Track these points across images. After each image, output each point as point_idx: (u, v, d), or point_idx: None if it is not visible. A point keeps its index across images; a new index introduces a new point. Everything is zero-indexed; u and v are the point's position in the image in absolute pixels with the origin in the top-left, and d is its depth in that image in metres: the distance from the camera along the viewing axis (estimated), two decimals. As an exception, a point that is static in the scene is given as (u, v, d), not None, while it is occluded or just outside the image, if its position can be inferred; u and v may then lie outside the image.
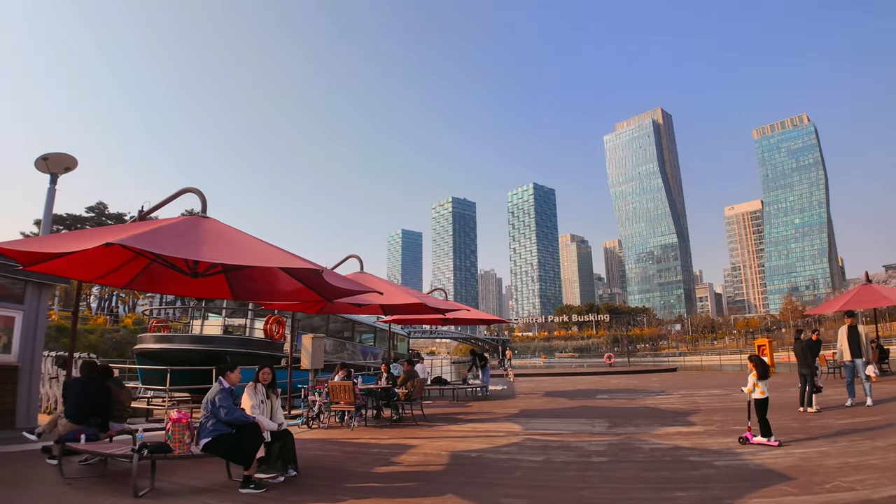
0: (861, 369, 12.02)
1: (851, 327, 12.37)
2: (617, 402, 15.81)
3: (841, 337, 12.47)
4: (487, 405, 16.19)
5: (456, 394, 19.47)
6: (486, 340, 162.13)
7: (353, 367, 23.06)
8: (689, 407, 13.45)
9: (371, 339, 28.87)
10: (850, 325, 12.39)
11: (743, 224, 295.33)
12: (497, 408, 15.32)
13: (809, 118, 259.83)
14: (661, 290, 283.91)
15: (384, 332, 30.14)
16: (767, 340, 27.08)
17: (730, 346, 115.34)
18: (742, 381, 24.52)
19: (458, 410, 15.12)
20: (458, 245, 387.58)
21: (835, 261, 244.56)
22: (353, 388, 11.96)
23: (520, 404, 16.13)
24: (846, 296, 18.77)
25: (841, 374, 15.71)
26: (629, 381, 25.57)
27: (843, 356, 12.31)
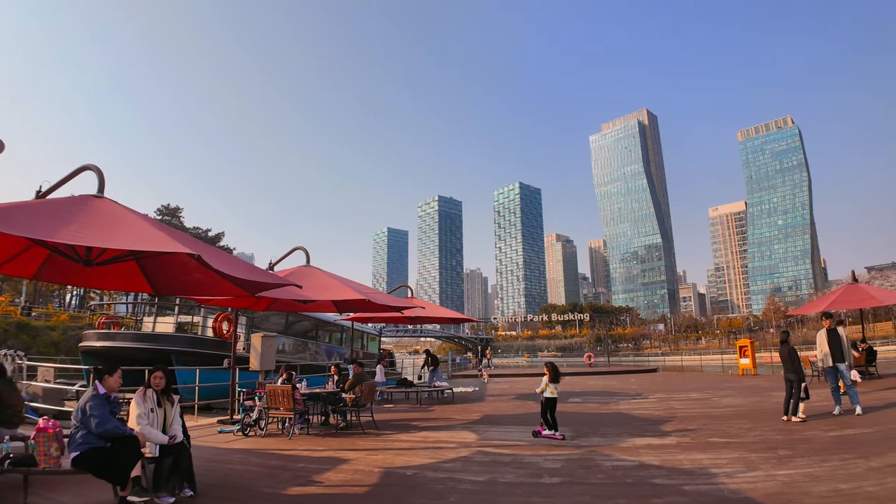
0: (846, 374, 11.04)
1: (831, 330, 11.37)
2: (588, 406, 14.75)
3: (820, 340, 11.48)
4: (450, 410, 15.05)
5: (420, 397, 18.29)
6: (469, 339, 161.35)
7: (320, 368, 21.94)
8: (665, 413, 12.40)
9: (339, 339, 27.64)
10: (829, 328, 11.40)
11: (727, 225, 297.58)
12: (459, 413, 14.18)
13: (794, 120, 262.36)
14: (644, 290, 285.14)
15: (357, 331, 28.94)
16: (749, 341, 26.20)
17: (712, 346, 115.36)
18: (725, 381, 23.73)
19: (416, 416, 13.95)
20: (444, 244, 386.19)
21: (817, 262, 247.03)
22: (294, 393, 10.78)
23: (485, 409, 15.00)
24: (832, 295, 17.88)
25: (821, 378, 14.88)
26: (606, 382, 24.58)
27: (825, 361, 11.30)
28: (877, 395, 13.57)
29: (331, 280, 11.18)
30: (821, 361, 11.45)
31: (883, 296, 17.58)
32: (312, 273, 11.23)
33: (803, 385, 10.40)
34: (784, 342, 10.99)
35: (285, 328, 23.01)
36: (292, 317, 22.64)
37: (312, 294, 10.11)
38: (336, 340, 27.36)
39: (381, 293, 13.79)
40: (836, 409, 10.84)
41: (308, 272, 11.23)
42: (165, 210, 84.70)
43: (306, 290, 9.61)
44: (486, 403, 16.49)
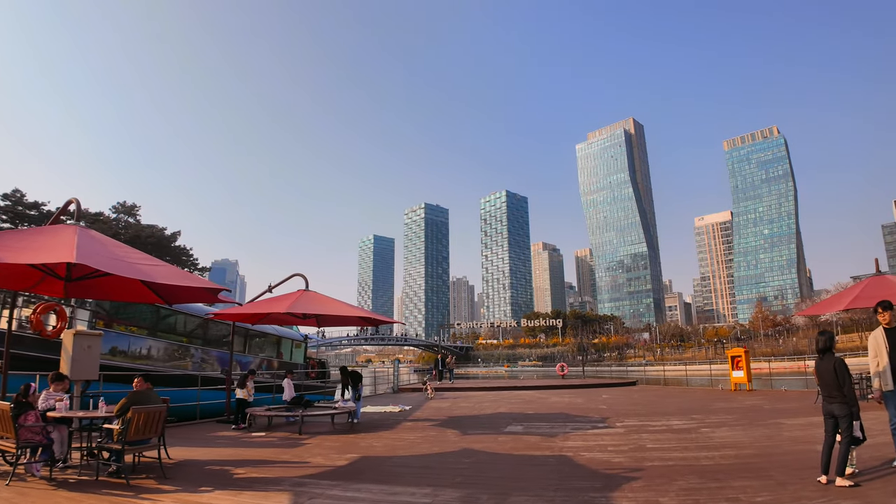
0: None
1: (892, 330, 6.70)
2: (524, 441, 10.29)
3: (877, 345, 6.76)
4: (329, 444, 10.60)
5: (311, 420, 13.81)
6: (448, 348, 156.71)
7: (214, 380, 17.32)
8: (628, 461, 7.96)
9: (258, 346, 23.02)
10: (889, 326, 6.75)
11: (712, 234, 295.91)
12: (334, 451, 9.71)
13: (780, 130, 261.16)
14: (630, 299, 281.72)
15: (283, 338, 24.37)
16: (743, 350, 21.94)
17: (698, 356, 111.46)
18: (716, 399, 19.42)
19: (265, 456, 9.45)
20: (430, 251, 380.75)
21: (803, 272, 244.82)
22: (26, 416, 6.33)
23: (376, 444, 10.50)
24: (854, 289, 13.55)
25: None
26: (573, 399, 20.18)
27: (884, 380, 6.59)
28: None
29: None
30: (877, 379, 6.72)
31: None
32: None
33: (856, 424, 5.96)
34: (827, 350, 6.37)
35: (169, 328, 18.42)
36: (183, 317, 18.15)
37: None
38: (256, 347, 22.78)
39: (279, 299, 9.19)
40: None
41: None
42: (121, 207, 79.39)
43: None
44: (387, 433, 12.03)
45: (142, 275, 7.38)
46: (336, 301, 13.77)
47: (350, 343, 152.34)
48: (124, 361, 15.82)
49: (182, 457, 9.15)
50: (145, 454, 8.24)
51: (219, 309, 16.37)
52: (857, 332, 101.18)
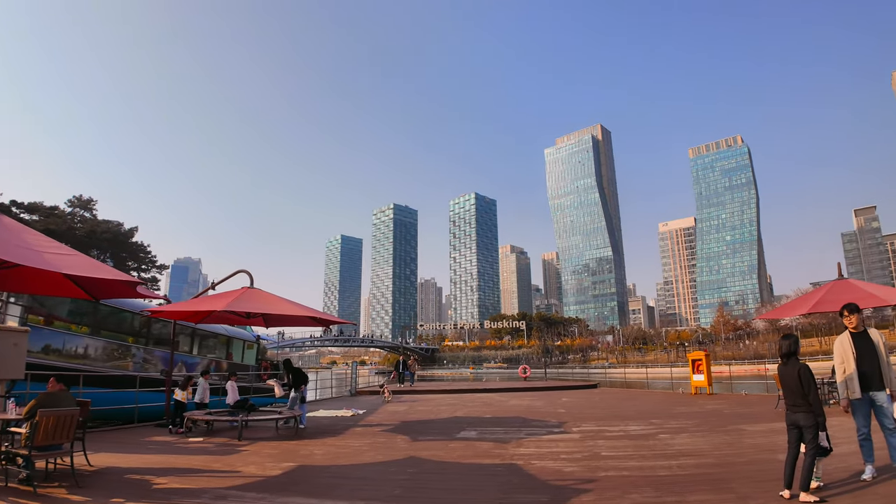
0: (887, 410, 6.13)
1: (860, 334, 6.42)
2: (476, 447, 9.72)
3: (843, 350, 6.42)
4: (267, 451, 9.87)
5: (255, 425, 13.00)
6: (413, 350, 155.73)
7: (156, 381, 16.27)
8: (581, 470, 7.45)
9: (207, 346, 21.94)
10: (854, 331, 6.45)
11: (676, 240, 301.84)
12: (266, 460, 8.98)
13: (743, 139, 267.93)
14: (595, 302, 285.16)
15: (234, 339, 23.30)
16: (704, 353, 21.82)
17: (660, 359, 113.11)
18: (676, 402, 19.20)
19: (187, 464, 8.68)
20: (398, 252, 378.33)
21: (763, 277, 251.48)
22: None
23: (317, 452, 9.83)
24: (817, 292, 13.36)
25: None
26: (533, 402, 19.73)
27: (851, 388, 6.28)
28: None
29: None
30: (843, 386, 6.36)
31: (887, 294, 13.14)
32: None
33: (823, 434, 5.52)
34: (791, 355, 5.87)
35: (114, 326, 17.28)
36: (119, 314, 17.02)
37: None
38: (204, 348, 21.67)
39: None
40: (868, 469, 6.11)
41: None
42: (77, 202, 76.35)
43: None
44: (337, 440, 11.35)
45: (50, 265, 6.57)
46: (282, 299, 12.96)
47: (314, 344, 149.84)
48: (58, 360, 14.73)
49: (105, 463, 8.39)
50: (65, 460, 7.43)
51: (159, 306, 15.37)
52: (816, 337, 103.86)
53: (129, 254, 77.63)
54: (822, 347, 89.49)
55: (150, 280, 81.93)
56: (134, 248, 77.81)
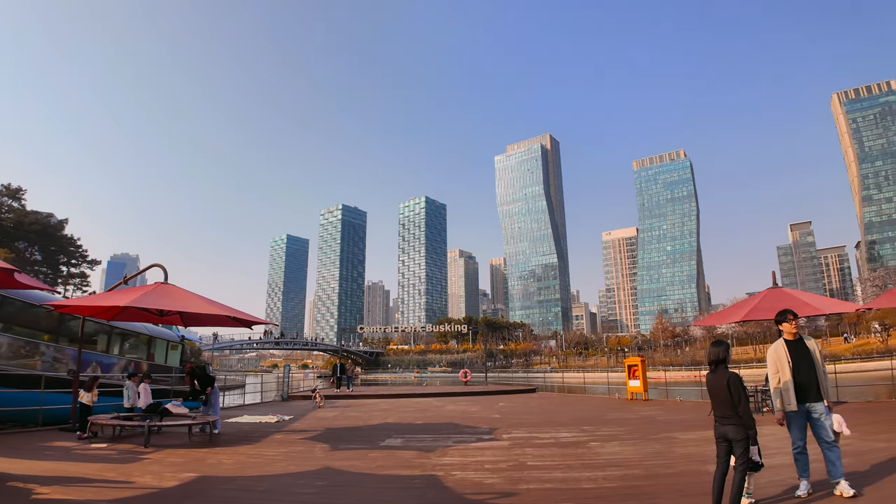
0: (824, 423, 5.77)
1: (795, 342, 6.06)
2: (397, 457, 9.13)
3: (779, 358, 6.03)
4: (170, 459, 9.01)
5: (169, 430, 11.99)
6: (357, 353, 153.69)
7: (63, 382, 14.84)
8: (501, 482, 6.96)
9: (126, 346, 20.47)
10: (790, 339, 6.09)
11: (619, 249, 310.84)
12: (168, 469, 8.14)
13: (686, 154, 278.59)
14: (540, 308, 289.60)
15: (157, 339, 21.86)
16: (640, 359, 21.97)
17: (600, 363, 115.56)
18: (611, 408, 19.12)
19: (80, 472, 7.76)
20: (345, 254, 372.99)
21: (702, 287, 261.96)
22: None
23: (226, 462, 9.01)
24: (751, 301, 13.44)
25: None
26: (469, 406, 19.30)
27: (787, 399, 5.88)
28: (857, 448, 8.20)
29: None
30: (778, 397, 5.95)
31: (821, 303, 13.35)
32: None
33: (754, 448, 5.14)
34: (720, 363, 5.41)
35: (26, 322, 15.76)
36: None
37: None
38: (122, 347, 20.17)
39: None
40: (803, 485, 5.76)
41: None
42: (5, 190, 71.32)
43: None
44: (252, 448, 10.53)
45: None
46: (197, 297, 12.02)
47: (254, 347, 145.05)
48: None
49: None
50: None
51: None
52: (751, 345, 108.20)
53: (59, 247, 73.27)
54: (757, 355, 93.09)
55: (79, 276, 77.74)
56: (64, 241, 73.48)
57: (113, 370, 18.55)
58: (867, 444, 8.31)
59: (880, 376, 38.44)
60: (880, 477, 6.28)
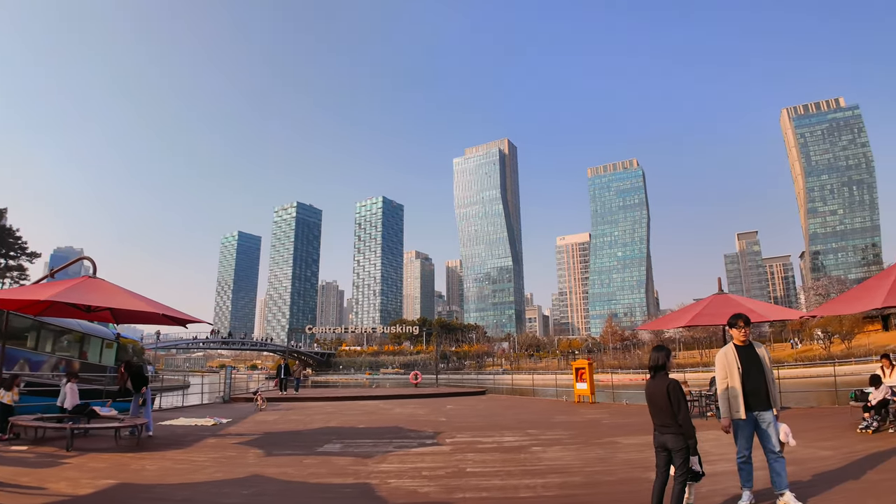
0: (771, 433, 5.61)
1: (745, 348, 5.89)
2: (333, 463, 8.75)
3: (728, 363, 5.84)
4: (92, 463, 8.50)
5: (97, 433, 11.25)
6: (308, 354, 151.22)
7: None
8: (437, 490, 6.72)
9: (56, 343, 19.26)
10: (740, 344, 5.91)
11: (572, 253, 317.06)
12: (87, 474, 7.60)
13: (639, 163, 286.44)
14: (494, 310, 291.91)
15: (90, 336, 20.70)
16: (587, 362, 22.11)
17: (551, 366, 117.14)
18: (558, 411, 19.15)
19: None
20: (299, 253, 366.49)
21: (651, 292, 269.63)
22: None
23: (150, 467, 8.52)
24: (697, 306, 13.65)
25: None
26: (416, 409, 19.00)
27: (735, 406, 5.70)
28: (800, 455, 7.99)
29: None
30: (725, 404, 5.74)
31: (765, 310, 13.65)
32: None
33: (694, 458, 4.99)
34: (660, 368, 5.25)
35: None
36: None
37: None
38: (52, 345, 18.95)
39: None
40: (746, 496, 5.58)
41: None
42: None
43: None
44: (181, 452, 9.99)
45: None
46: (127, 293, 11.31)
47: (200, 346, 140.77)
48: None
49: None
50: None
51: None
52: (697, 350, 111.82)
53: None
54: (703, 360, 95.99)
55: (17, 269, 73.73)
56: (3, 232, 69.46)
57: (42, 368, 17.43)
58: (810, 452, 8.33)
59: (823, 382, 40.04)
60: (826, 487, 6.18)
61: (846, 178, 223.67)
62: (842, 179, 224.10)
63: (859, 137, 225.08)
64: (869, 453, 7.99)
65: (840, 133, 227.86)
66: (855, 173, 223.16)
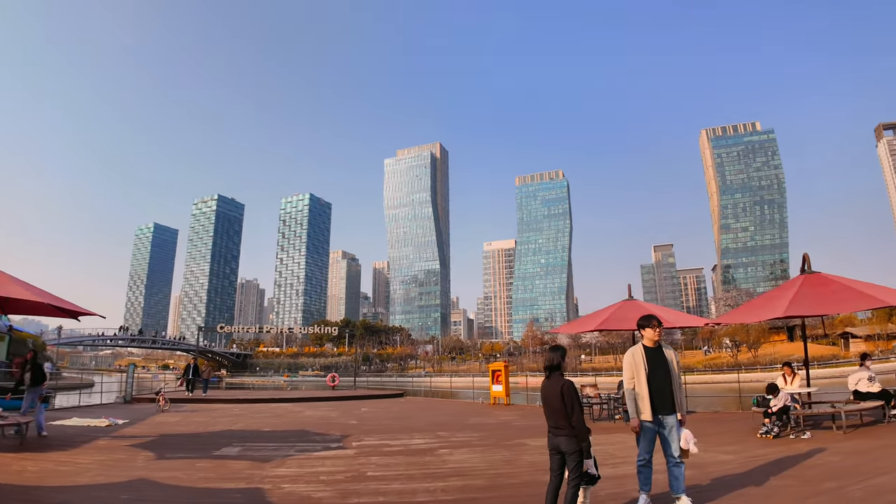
0: (672, 439, 5.56)
1: (654, 350, 5.80)
2: (227, 468, 8.27)
3: (635, 364, 5.75)
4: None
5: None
6: (225, 354, 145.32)
7: None
8: (332, 496, 6.45)
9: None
10: (649, 345, 5.83)
11: (498, 259, 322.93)
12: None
13: (564, 174, 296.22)
14: (420, 312, 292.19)
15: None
16: (503, 365, 22.41)
17: (473, 368, 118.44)
18: (473, 413, 19.20)
19: None
20: (218, 248, 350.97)
21: (571, 298, 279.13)
22: None
23: (31, 469, 7.88)
24: (607, 310, 14.07)
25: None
26: (328, 412, 18.52)
27: (642, 408, 5.62)
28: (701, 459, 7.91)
29: None
30: (632, 405, 5.66)
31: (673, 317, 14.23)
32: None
33: (589, 461, 4.99)
34: (554, 369, 5.21)
35: None
36: None
37: None
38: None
39: None
40: (642, 499, 5.54)
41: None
42: None
43: None
44: (68, 454, 9.22)
45: None
46: (5, 277, 10.25)
47: (108, 344, 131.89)
48: None
49: None
50: None
51: None
52: (612, 354, 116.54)
53: None
54: (617, 364, 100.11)
55: None
56: None
57: None
58: (711, 457, 8.37)
59: (729, 388, 42.55)
60: (725, 491, 6.18)
61: (758, 197, 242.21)
62: (754, 198, 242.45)
63: (773, 160, 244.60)
64: (768, 458, 8.12)
65: (755, 155, 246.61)
66: (767, 193, 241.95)
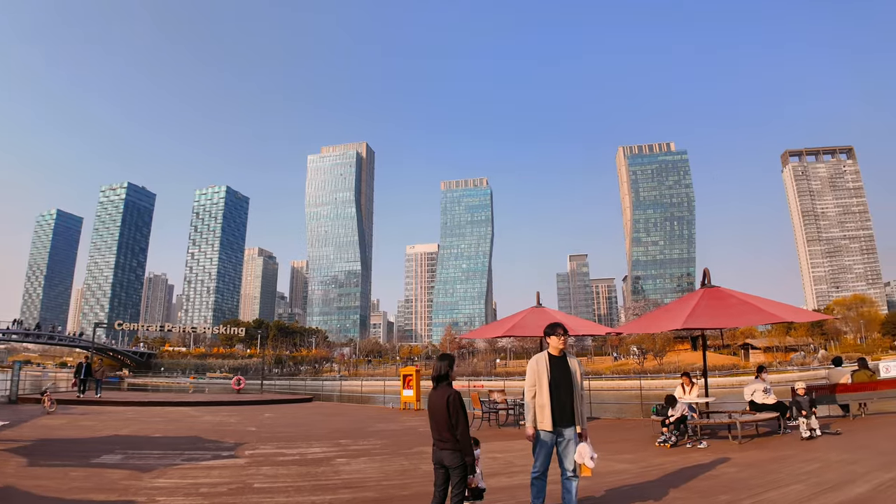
0: (570, 449, 5.38)
1: (558, 359, 5.59)
2: (102, 477, 7.64)
3: (538, 371, 5.53)
4: None
5: None
6: (127, 353, 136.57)
7: None
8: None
9: None
10: (554, 353, 5.61)
11: (420, 262, 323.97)
12: None
13: (489, 182, 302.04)
14: (339, 314, 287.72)
15: None
16: (415, 369, 22.33)
17: (389, 372, 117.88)
18: (380, 418, 19.02)
19: None
20: (125, 239, 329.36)
21: (490, 303, 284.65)
22: None
23: None
24: (515, 317, 14.36)
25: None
26: (227, 417, 17.77)
27: (541, 418, 5.41)
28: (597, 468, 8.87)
29: None
30: (531, 413, 5.46)
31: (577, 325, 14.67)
32: None
33: (473, 477, 4.94)
34: (442, 379, 5.06)
35: None
36: None
37: None
38: None
39: None
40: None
41: None
42: None
43: None
44: None
45: None
46: None
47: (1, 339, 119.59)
48: None
49: None
50: None
51: None
52: (526, 359, 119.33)
53: None
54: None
55: None
56: None
57: None
58: (607, 465, 8.28)
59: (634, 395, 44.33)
60: (619, 503, 6.22)
61: (669, 213, 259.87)
62: (665, 215, 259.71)
63: (684, 179, 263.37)
64: (665, 469, 8.06)
65: (668, 174, 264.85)
66: (677, 210, 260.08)
